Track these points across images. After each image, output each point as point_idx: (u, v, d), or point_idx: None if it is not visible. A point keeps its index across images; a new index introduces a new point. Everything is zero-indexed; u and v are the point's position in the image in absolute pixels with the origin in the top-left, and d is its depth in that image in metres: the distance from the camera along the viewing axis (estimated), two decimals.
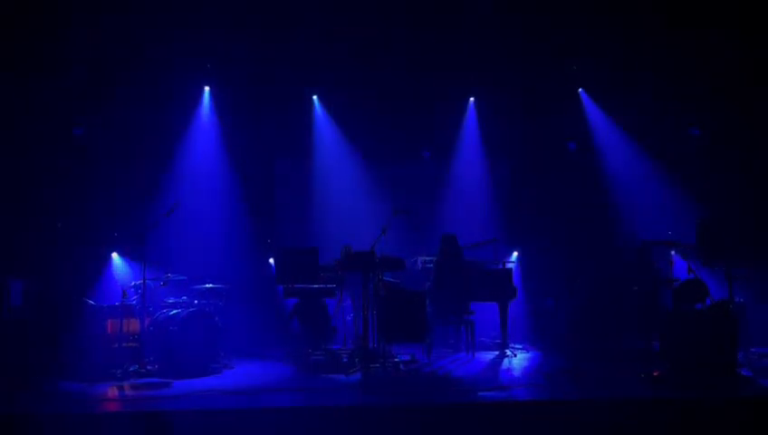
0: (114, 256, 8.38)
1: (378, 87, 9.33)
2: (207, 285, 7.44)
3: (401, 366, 6.88)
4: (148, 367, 6.59)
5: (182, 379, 6.22)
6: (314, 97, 9.87)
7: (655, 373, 5.87)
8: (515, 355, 7.69)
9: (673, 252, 7.39)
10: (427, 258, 8.59)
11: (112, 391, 5.80)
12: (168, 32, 8.29)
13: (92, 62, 8.43)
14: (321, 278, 7.40)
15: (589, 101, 9.90)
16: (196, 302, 7.26)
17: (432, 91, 9.48)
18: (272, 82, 9.21)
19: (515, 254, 9.53)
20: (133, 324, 6.78)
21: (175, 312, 6.88)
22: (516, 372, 6.62)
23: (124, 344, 6.65)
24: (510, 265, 8.27)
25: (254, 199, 9.62)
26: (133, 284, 7.19)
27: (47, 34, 8.00)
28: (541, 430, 4.81)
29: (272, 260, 8.70)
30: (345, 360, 6.92)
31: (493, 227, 9.21)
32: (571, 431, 4.80)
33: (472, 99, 10.08)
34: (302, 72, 9.29)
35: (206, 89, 9.51)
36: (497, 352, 7.83)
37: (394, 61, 8.99)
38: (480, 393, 5.52)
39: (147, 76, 8.69)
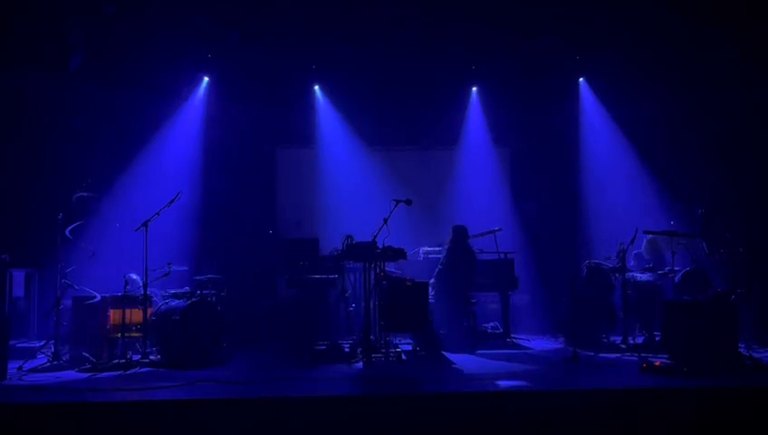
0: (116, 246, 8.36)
1: (379, 75, 9.30)
2: (209, 276, 7.44)
3: (403, 356, 6.89)
4: (151, 357, 6.61)
5: (184, 369, 6.21)
6: (316, 87, 9.84)
7: (656, 363, 5.87)
8: (516, 344, 7.69)
9: (675, 242, 7.36)
10: (429, 249, 8.59)
11: (114, 381, 5.82)
12: (166, 24, 8.28)
13: (91, 51, 8.42)
14: (322, 269, 7.39)
15: (588, 91, 9.85)
16: (197, 292, 7.26)
17: (435, 81, 9.45)
18: (272, 71, 9.17)
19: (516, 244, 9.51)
20: (135, 315, 6.80)
21: (177, 302, 6.90)
22: (516, 361, 6.64)
23: (126, 334, 6.67)
24: (512, 256, 8.26)
25: (255, 190, 9.63)
26: (134, 275, 7.19)
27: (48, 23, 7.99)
28: (540, 418, 4.82)
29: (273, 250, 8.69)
30: (347, 350, 6.92)
31: (496, 217, 9.19)
32: (572, 420, 4.81)
33: (475, 88, 10.04)
34: (303, 60, 9.25)
35: (205, 79, 9.48)
36: (498, 342, 7.85)
37: (396, 49, 8.94)
38: (480, 382, 5.53)
39: (146, 65, 8.66)
